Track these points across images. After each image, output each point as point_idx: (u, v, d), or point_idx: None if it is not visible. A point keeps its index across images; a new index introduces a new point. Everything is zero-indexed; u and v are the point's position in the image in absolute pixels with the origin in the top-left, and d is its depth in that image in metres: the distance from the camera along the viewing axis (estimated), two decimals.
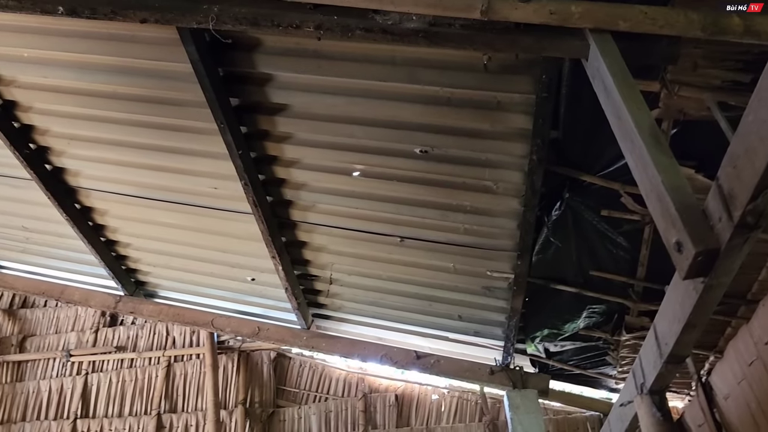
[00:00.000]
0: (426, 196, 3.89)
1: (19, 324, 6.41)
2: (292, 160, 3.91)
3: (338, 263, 4.73)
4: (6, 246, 5.97)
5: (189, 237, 4.97)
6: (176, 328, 6.14)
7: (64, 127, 4.19)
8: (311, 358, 5.98)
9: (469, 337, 5.09)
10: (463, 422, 5.52)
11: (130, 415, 5.76)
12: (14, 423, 5.86)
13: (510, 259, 4.14)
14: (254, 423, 5.61)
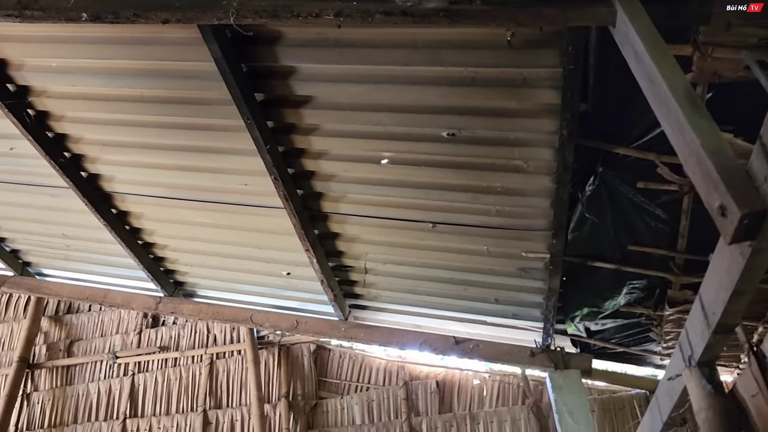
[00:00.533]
0: (455, 180, 3.85)
1: (66, 329, 6.58)
2: (320, 151, 3.91)
3: (372, 252, 4.73)
4: (49, 254, 6.13)
5: (223, 235, 5.03)
6: (216, 326, 6.23)
7: (95, 133, 4.26)
8: (350, 349, 6.00)
9: (508, 320, 5.05)
10: (506, 406, 5.48)
11: (177, 413, 5.88)
12: (66, 425, 6.03)
13: (545, 238, 4.08)
14: (298, 415, 5.67)
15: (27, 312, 6.55)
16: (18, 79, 3.92)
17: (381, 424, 5.54)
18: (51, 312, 6.71)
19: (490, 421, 5.39)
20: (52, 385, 6.26)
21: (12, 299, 6.86)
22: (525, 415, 5.35)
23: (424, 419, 5.50)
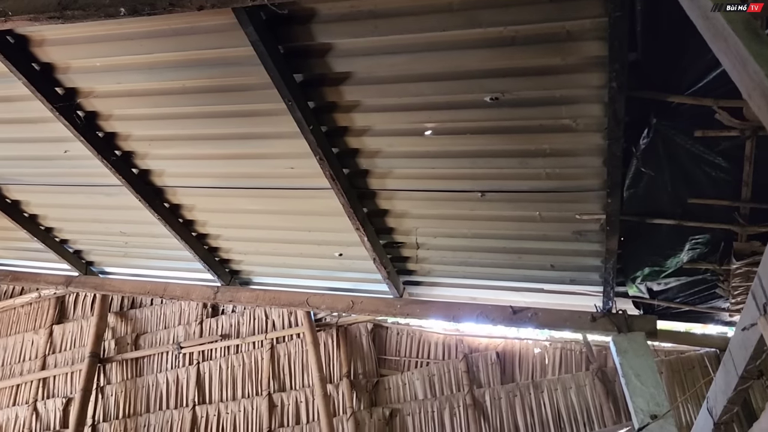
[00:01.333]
0: (502, 146, 3.77)
1: (131, 324, 6.81)
2: (362, 128, 3.89)
3: (422, 227, 4.70)
4: (109, 253, 6.32)
5: (274, 221, 5.08)
6: (274, 311, 6.33)
7: (143, 129, 4.35)
8: (407, 326, 6.01)
9: (565, 286, 4.94)
10: (569, 372, 5.40)
11: (243, 398, 6.02)
12: (140, 415, 6.26)
13: (599, 198, 3.96)
14: (360, 393, 5.73)
15: (94, 309, 6.80)
16: (66, 81, 4.02)
17: (444, 398, 5.54)
18: (116, 308, 6.94)
19: (554, 389, 5.33)
20: (123, 378, 6.50)
21: (79, 298, 7.14)
22: (590, 381, 5.25)
23: (486, 390, 5.47)
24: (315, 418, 5.71)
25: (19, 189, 5.51)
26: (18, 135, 4.72)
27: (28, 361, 6.95)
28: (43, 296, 7.25)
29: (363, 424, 5.58)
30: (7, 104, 4.38)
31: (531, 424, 5.24)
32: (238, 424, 5.94)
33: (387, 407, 5.63)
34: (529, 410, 5.29)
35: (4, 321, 7.34)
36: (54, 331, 7.02)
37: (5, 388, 6.84)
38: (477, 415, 5.37)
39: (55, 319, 7.10)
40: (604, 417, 5.05)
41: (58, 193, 5.40)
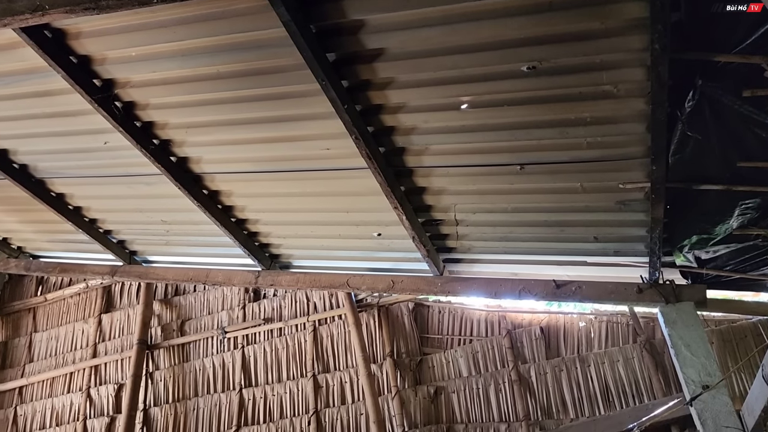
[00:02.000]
0: (541, 116, 3.69)
1: (176, 311, 6.94)
2: (397, 105, 3.85)
3: (461, 203, 4.65)
4: (152, 242, 6.44)
5: (311, 203, 5.09)
6: (315, 294, 6.37)
7: (179, 117, 4.38)
8: (449, 304, 5.99)
9: (610, 258, 4.85)
10: (616, 345, 5.31)
11: (289, 380, 6.09)
12: (189, 399, 6.40)
13: (643, 166, 3.85)
14: (404, 372, 5.74)
15: (139, 298, 6.95)
16: (103, 73, 4.07)
17: (488, 374, 5.52)
18: (161, 296, 7.08)
19: (600, 363, 5.25)
20: (171, 363, 6.65)
21: (125, 287, 7.31)
22: (638, 353, 5.16)
23: (531, 366, 5.43)
24: (360, 397, 5.75)
25: (63, 182, 5.63)
26: (59, 129, 4.82)
27: (80, 349, 7.16)
28: (91, 286, 7.44)
29: (408, 402, 5.59)
30: (48, 98, 4.46)
31: (578, 398, 5.19)
32: (285, 405, 6.02)
33: (431, 385, 5.63)
34: (576, 384, 5.23)
35: (55, 312, 7.56)
36: (102, 320, 7.21)
37: (60, 376, 7.07)
38: (523, 391, 5.34)
39: (103, 308, 7.29)
40: (654, 389, 4.96)
41: (100, 185, 5.51)
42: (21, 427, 6.98)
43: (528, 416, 5.22)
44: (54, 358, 7.25)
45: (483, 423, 5.34)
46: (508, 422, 5.28)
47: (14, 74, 4.28)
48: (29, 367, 7.31)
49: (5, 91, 4.46)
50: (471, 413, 5.42)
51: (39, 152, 5.23)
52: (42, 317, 7.63)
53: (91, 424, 6.63)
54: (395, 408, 5.57)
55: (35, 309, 7.69)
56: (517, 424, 5.23)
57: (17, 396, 7.16)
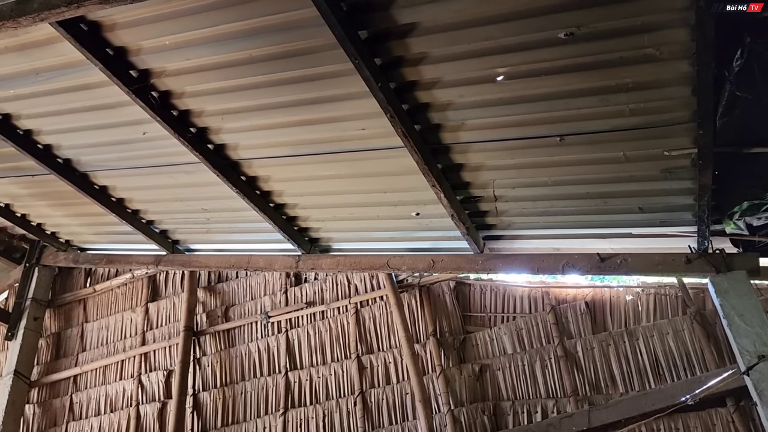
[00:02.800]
0: (580, 84, 3.59)
1: (219, 297, 7.06)
2: (432, 80, 3.79)
3: (499, 178, 4.57)
4: (193, 230, 6.54)
5: (348, 185, 5.08)
6: (356, 276, 6.39)
7: (214, 104, 4.41)
8: (491, 281, 5.93)
9: (656, 229, 4.72)
10: (665, 318, 5.18)
11: (333, 362, 6.14)
12: (236, 383, 6.51)
13: (689, 131, 3.72)
14: (448, 351, 5.72)
15: (184, 286, 7.08)
16: (138, 63, 4.12)
17: (533, 351, 5.45)
18: (204, 283, 7.20)
19: (649, 336, 5.13)
20: (217, 349, 6.76)
21: (169, 276, 7.45)
22: (688, 325, 5.02)
23: (577, 341, 5.34)
24: (405, 377, 5.76)
25: (105, 175, 5.74)
26: (99, 122, 4.90)
27: (129, 338, 7.34)
28: (137, 276, 7.61)
29: (453, 380, 5.58)
30: (87, 92, 4.54)
31: (627, 372, 5.09)
32: (330, 387, 6.07)
33: (476, 363, 5.60)
34: (624, 359, 5.13)
35: (104, 302, 7.77)
36: (149, 309, 7.37)
37: (111, 364, 7.27)
38: (570, 366, 5.27)
39: (149, 297, 7.45)
40: (706, 361, 4.83)
41: (141, 176, 5.60)
42: (77, 414, 7.22)
43: (576, 392, 5.15)
44: (105, 347, 7.46)
45: (530, 399, 5.29)
46: (556, 398, 5.22)
47: (54, 69, 4.37)
48: (82, 356, 7.54)
49: (47, 86, 4.56)
50: (517, 390, 5.37)
51: (81, 146, 5.34)
52: (92, 308, 7.84)
53: (143, 410, 6.80)
54: (440, 387, 5.56)
55: (85, 300, 7.91)
56: (565, 399, 5.17)
57: (72, 384, 7.40)
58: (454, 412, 5.44)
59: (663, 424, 4.81)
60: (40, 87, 4.61)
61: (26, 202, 6.74)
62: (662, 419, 4.79)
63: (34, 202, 6.68)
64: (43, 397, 7.51)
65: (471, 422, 5.37)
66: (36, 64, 4.39)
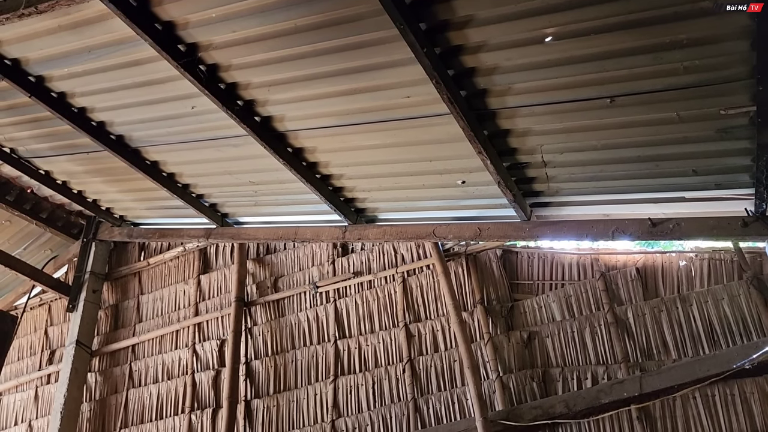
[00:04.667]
0: (631, 42, 3.48)
1: (268, 269, 7.19)
2: (478, 44, 3.74)
3: (547, 143, 4.50)
4: (241, 203, 6.66)
5: (394, 154, 5.08)
6: (402, 246, 6.41)
7: (260, 75, 4.46)
8: (538, 249, 5.87)
9: (710, 192, 4.58)
10: (720, 283, 5.04)
11: (381, 330, 6.21)
12: (287, 352, 6.66)
13: (747, 88, 3.58)
14: (496, 319, 5.72)
15: (233, 258, 7.24)
16: (186, 37, 4.18)
17: (583, 318, 5.40)
18: (253, 255, 7.35)
19: (704, 301, 5.02)
20: (267, 319, 6.92)
21: (219, 248, 7.63)
22: (744, 290, 4.89)
23: (628, 307, 5.26)
24: (453, 344, 5.80)
25: (156, 150, 5.89)
26: (149, 97, 5.02)
27: (183, 309, 7.57)
28: (188, 249, 7.81)
29: (501, 347, 5.59)
30: (137, 68, 4.64)
31: (680, 338, 4.99)
32: (379, 354, 6.16)
33: (524, 330, 5.59)
34: (677, 325, 5.04)
35: (158, 275, 8.02)
36: (201, 281, 7.58)
37: (167, 334, 7.52)
38: (620, 333, 5.20)
39: (200, 269, 7.65)
40: (764, 326, 4.70)
41: (190, 150, 5.72)
42: (136, 382, 7.53)
43: (627, 358, 5.10)
44: (160, 318, 7.72)
45: (579, 366, 5.27)
46: (606, 365, 5.17)
47: (105, 46, 4.48)
48: (139, 326, 7.82)
49: (99, 63, 4.68)
50: (566, 357, 5.35)
51: (133, 122, 5.48)
52: (146, 280, 8.11)
53: (198, 377, 7.04)
54: (488, 354, 5.58)
55: (140, 273, 8.18)
56: (616, 366, 5.12)
57: (131, 353, 7.70)
58: (502, 379, 5.46)
59: (718, 390, 4.72)
60: (93, 65, 4.74)
61: (82, 179, 6.98)
62: (717, 385, 4.70)
63: (90, 178, 6.91)
64: (104, 365, 7.85)
65: (520, 388, 5.38)
66: (88, 42, 4.51)
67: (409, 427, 5.68)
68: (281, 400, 6.48)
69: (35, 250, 8.70)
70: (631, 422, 4.91)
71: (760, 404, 4.60)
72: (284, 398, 6.47)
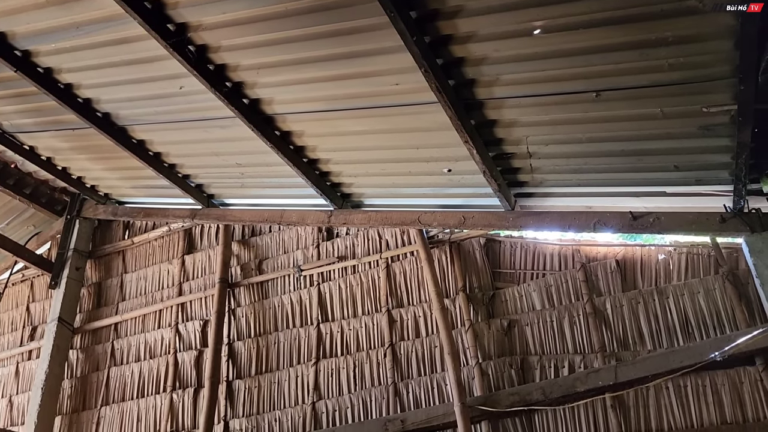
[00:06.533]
0: (618, 38, 3.54)
1: (253, 251, 7.21)
2: (467, 34, 3.77)
3: (533, 135, 4.56)
4: (228, 185, 6.67)
5: (381, 141, 5.11)
6: (387, 231, 6.45)
7: (250, 58, 4.45)
8: (521, 238, 5.95)
9: (691, 188, 4.67)
10: (696, 277, 5.15)
11: (364, 315, 6.27)
12: (270, 334, 6.70)
13: (729, 87, 3.65)
14: (477, 306, 5.80)
15: (218, 239, 7.24)
16: (176, 17, 4.17)
17: (562, 307, 5.49)
18: (238, 237, 7.35)
19: (680, 294, 5.12)
20: (251, 300, 6.95)
21: (204, 229, 7.61)
22: (720, 285, 5.00)
23: (607, 298, 5.36)
24: (434, 331, 5.87)
25: (143, 129, 5.87)
26: (137, 76, 5.00)
27: (167, 288, 7.58)
28: (173, 230, 7.80)
29: (482, 334, 5.67)
30: (126, 45, 4.62)
31: (656, 329, 5.10)
32: (361, 338, 6.22)
33: (505, 318, 5.67)
34: (653, 316, 5.14)
35: (142, 254, 8.00)
36: (186, 261, 7.58)
37: (150, 314, 7.53)
38: (598, 323, 5.30)
39: (185, 249, 7.64)
40: (737, 320, 4.82)
41: (178, 130, 5.71)
42: (118, 360, 7.54)
43: (603, 347, 5.21)
44: (144, 297, 7.72)
45: (557, 354, 5.36)
46: (583, 354, 5.28)
47: (94, 23, 4.46)
48: (122, 305, 7.81)
49: (87, 40, 4.65)
50: (545, 345, 5.45)
51: (120, 100, 5.45)
52: (130, 259, 8.09)
53: (181, 357, 7.07)
54: (469, 340, 5.66)
55: (124, 252, 8.16)
56: (592, 355, 5.23)
57: (113, 331, 7.69)
58: (482, 365, 5.55)
59: (690, 380, 4.84)
60: (81, 41, 4.71)
61: (67, 155, 6.94)
62: (690, 376, 4.82)
63: (75, 155, 6.87)
64: (86, 343, 7.84)
65: (498, 375, 5.48)
66: (76, 18, 4.47)
67: (388, 411, 5.76)
68: (263, 382, 6.53)
69: (18, 225, 8.64)
70: (605, 410, 5.02)
71: (730, 395, 4.72)
72: (266, 379, 6.52)
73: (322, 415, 6.09)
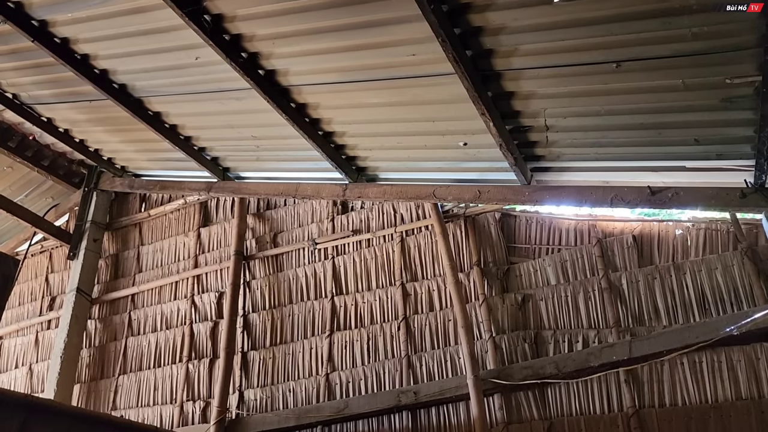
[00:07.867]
0: (640, 6, 3.46)
1: (268, 224, 7.24)
2: (485, 2, 3.71)
3: (551, 107, 4.50)
4: (243, 158, 6.68)
5: (397, 113, 5.08)
6: (402, 205, 6.44)
7: (265, 27, 4.42)
8: (536, 213, 5.91)
9: (711, 162, 4.59)
10: (715, 253, 5.09)
11: (378, 288, 6.29)
12: (284, 306, 6.75)
13: (754, 57, 3.57)
14: (491, 281, 5.79)
15: (234, 212, 7.28)
16: None
17: (577, 282, 5.46)
18: (253, 210, 7.38)
19: (697, 270, 5.07)
20: (266, 273, 7.00)
21: (220, 202, 7.65)
22: (738, 261, 4.94)
23: (623, 274, 5.32)
24: (448, 304, 5.88)
25: (159, 100, 5.87)
26: (153, 46, 4.99)
27: (183, 260, 7.64)
28: (189, 202, 7.84)
29: (495, 309, 5.67)
30: (142, 15, 4.61)
31: (672, 305, 5.07)
32: (375, 312, 6.25)
33: (519, 293, 5.66)
34: (670, 292, 5.10)
35: (158, 226, 8.07)
36: (201, 234, 7.63)
37: (166, 285, 7.61)
38: (613, 298, 5.28)
39: (201, 222, 7.69)
40: (755, 296, 4.77)
41: (193, 102, 5.71)
42: (135, 330, 7.65)
43: (618, 323, 5.18)
44: (160, 269, 7.80)
45: (571, 329, 5.35)
46: (597, 329, 5.26)
47: None
48: (139, 276, 7.91)
49: (103, 9, 4.65)
50: (559, 320, 5.43)
51: (136, 71, 5.46)
52: (147, 231, 8.17)
53: (196, 328, 7.15)
54: (483, 314, 5.66)
55: (141, 224, 8.24)
56: (607, 330, 5.21)
57: (130, 302, 7.80)
58: (495, 339, 5.55)
59: (706, 356, 4.81)
60: (97, 10, 4.70)
61: (84, 127, 6.98)
62: (705, 352, 4.79)
63: (92, 127, 6.91)
64: (104, 313, 7.96)
65: (512, 349, 5.48)
66: None
67: (401, 383, 5.80)
68: (277, 353, 6.59)
69: (36, 197, 8.74)
70: (619, 385, 5.02)
71: (746, 371, 4.69)
72: (280, 351, 6.59)
73: (336, 387, 6.15)
